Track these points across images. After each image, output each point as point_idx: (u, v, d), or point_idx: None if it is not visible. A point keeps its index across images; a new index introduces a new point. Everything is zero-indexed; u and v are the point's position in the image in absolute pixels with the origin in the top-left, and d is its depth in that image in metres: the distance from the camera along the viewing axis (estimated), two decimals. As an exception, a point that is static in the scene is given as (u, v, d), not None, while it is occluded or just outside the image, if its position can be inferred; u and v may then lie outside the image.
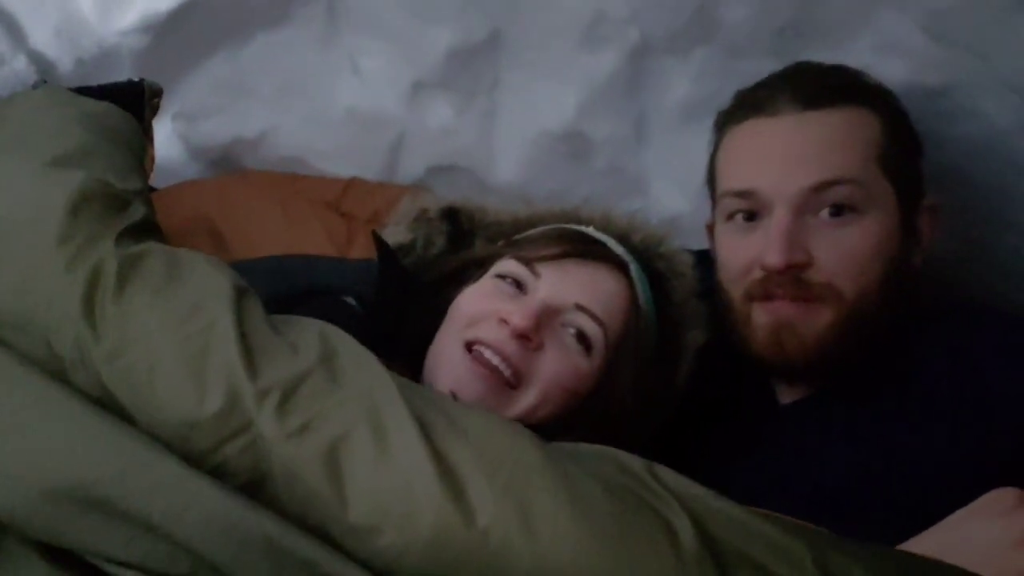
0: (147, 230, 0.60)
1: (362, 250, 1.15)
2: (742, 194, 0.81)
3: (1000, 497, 0.57)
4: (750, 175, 0.81)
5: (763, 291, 0.79)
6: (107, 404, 0.51)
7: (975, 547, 0.54)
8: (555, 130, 1.21)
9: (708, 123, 1.13)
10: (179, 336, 0.52)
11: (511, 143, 1.25)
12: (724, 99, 1.00)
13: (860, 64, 0.89)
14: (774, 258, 0.76)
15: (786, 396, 0.85)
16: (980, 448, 0.65)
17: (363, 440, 0.49)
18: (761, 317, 0.80)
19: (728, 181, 0.85)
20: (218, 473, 0.48)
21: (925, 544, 0.57)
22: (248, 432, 0.49)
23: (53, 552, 0.48)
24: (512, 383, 0.73)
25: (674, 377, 0.84)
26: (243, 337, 0.52)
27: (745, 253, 0.81)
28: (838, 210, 0.77)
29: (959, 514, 0.58)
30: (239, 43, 1.22)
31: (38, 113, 0.65)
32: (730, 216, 0.84)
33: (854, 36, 0.96)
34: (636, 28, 1.11)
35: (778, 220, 0.77)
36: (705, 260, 0.92)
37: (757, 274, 0.79)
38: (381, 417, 0.50)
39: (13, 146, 0.61)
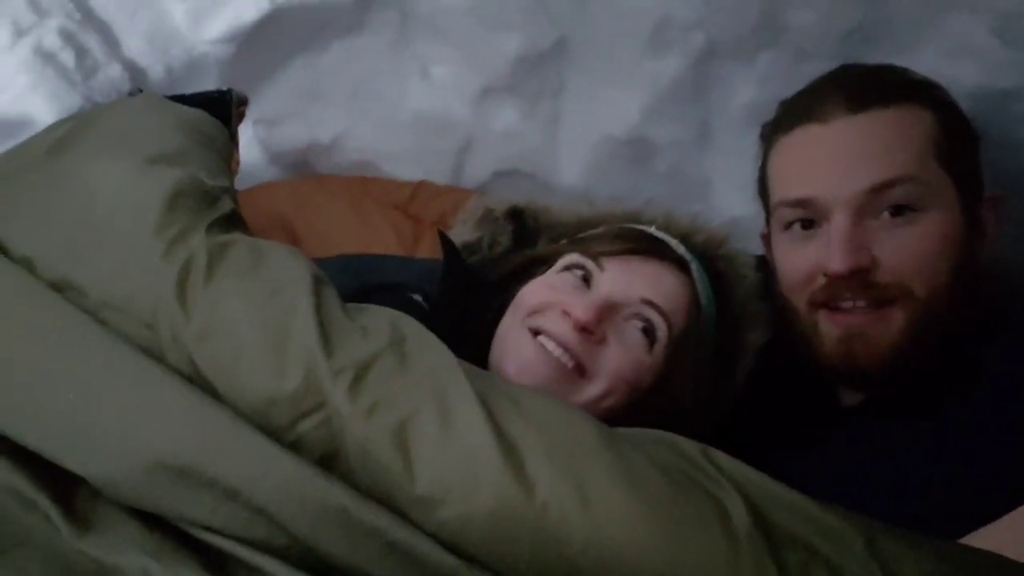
0: (234, 223, 0.64)
1: (429, 250, 1.19)
2: (799, 203, 0.81)
3: None
4: (805, 183, 0.81)
5: (829, 298, 0.78)
6: (196, 381, 0.55)
7: None
8: (619, 135, 1.23)
9: (772, 127, 1.14)
10: (261, 318, 0.56)
11: (575, 147, 1.27)
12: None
13: (929, 68, 0.89)
14: (837, 264, 0.75)
15: (848, 398, 0.84)
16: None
17: (430, 418, 0.52)
18: (829, 328, 0.79)
19: (783, 191, 0.84)
20: (295, 448, 0.52)
21: (989, 537, 0.56)
22: (323, 409, 0.53)
23: (143, 514, 0.52)
24: (575, 374, 0.74)
25: (734, 376, 0.84)
26: (320, 320, 0.56)
27: (806, 262, 0.80)
28: (899, 210, 0.76)
29: (1017, 512, 0.57)
30: (317, 51, 1.27)
31: (138, 117, 0.71)
32: (787, 226, 0.83)
33: (923, 39, 0.95)
34: (702, 33, 1.12)
35: (837, 225, 0.77)
36: (769, 264, 0.92)
37: (821, 281, 0.79)
38: (447, 397, 0.53)
39: (115, 145, 0.66)
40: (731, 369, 0.85)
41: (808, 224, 0.81)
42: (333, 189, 1.29)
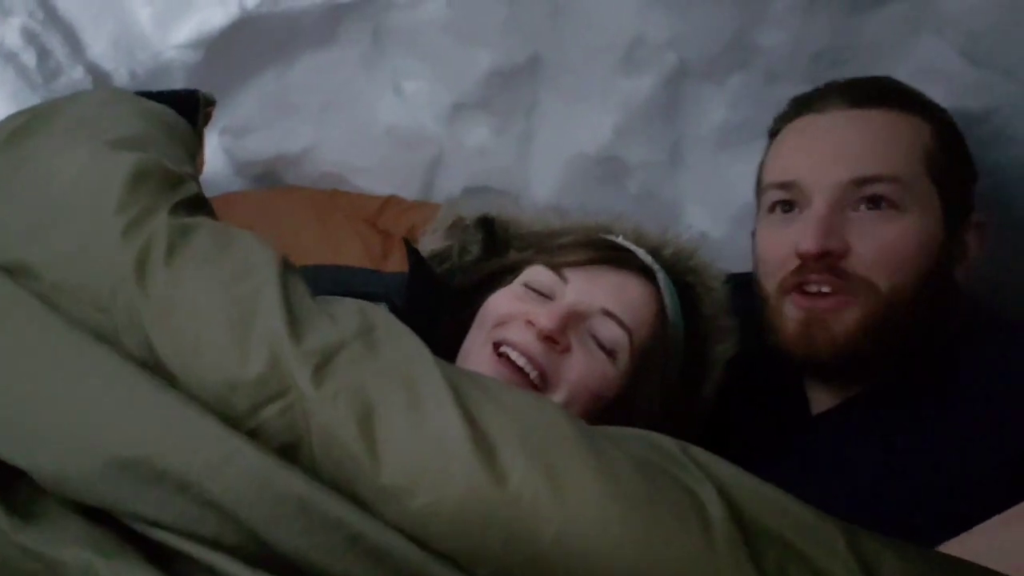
0: (199, 207, 0.62)
1: (398, 265, 1.17)
2: (783, 185, 0.82)
3: None
4: (792, 167, 0.83)
5: (798, 280, 0.79)
6: (152, 366, 0.52)
7: (1009, 554, 0.53)
8: (591, 153, 1.23)
9: (744, 149, 1.15)
10: (225, 300, 0.53)
11: (547, 165, 1.27)
12: (760, 125, 1.00)
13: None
14: (810, 243, 0.76)
15: (819, 405, 0.84)
16: (1014, 460, 0.64)
17: (398, 405, 0.50)
18: (792, 311, 0.80)
19: (771, 174, 0.86)
20: (255, 435, 0.49)
21: (965, 545, 0.56)
22: (288, 395, 0.50)
23: (88, 508, 0.49)
24: (538, 385, 0.74)
25: (701, 388, 0.83)
26: (287, 304, 0.54)
27: (782, 243, 0.81)
28: (876, 203, 0.77)
29: (994, 520, 0.57)
30: (287, 61, 1.26)
31: (101, 105, 0.69)
32: (771, 209, 0.85)
33: (892, 61, 0.97)
34: (674, 53, 1.13)
35: (816, 208, 0.78)
36: (739, 282, 0.92)
37: (792, 264, 0.79)
38: (417, 384, 0.51)
39: (76, 130, 0.64)
40: (700, 381, 0.84)
41: (789, 208, 0.82)
42: (300, 201, 1.27)
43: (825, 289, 0.78)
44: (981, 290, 0.86)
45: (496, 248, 0.92)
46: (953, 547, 0.56)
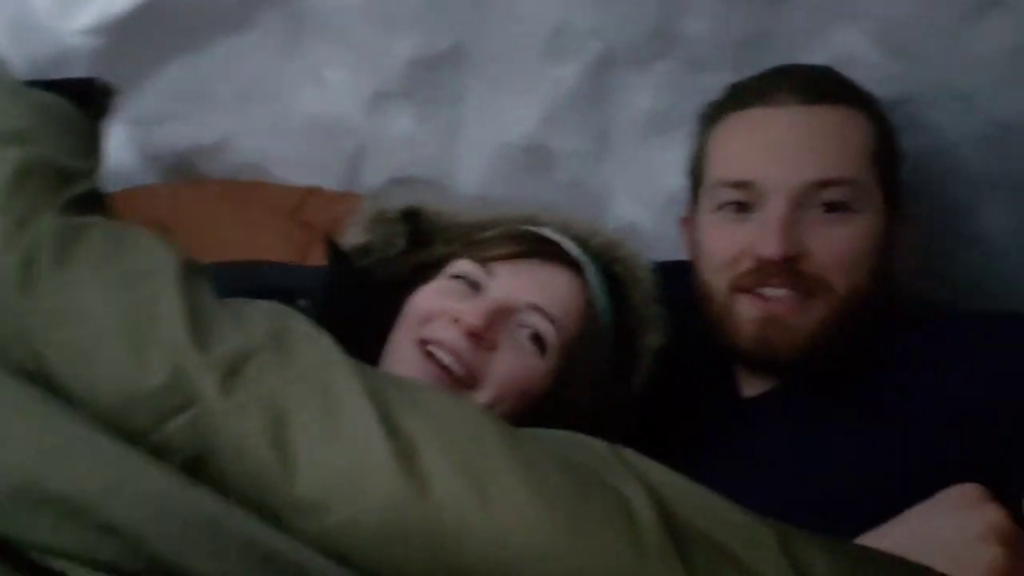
0: (94, 205, 0.58)
1: (321, 259, 1.14)
2: (738, 184, 0.81)
3: (963, 492, 0.57)
4: (748, 166, 0.81)
5: (754, 282, 0.78)
6: (43, 381, 0.49)
7: (936, 541, 0.54)
8: (518, 142, 1.21)
9: (670, 137, 1.15)
10: (121, 307, 0.50)
11: (473, 155, 1.25)
12: (685, 113, 1.00)
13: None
14: (772, 248, 0.76)
15: (749, 389, 0.84)
16: (944, 446, 0.65)
17: (313, 414, 0.48)
18: (748, 310, 0.79)
19: (722, 170, 0.84)
20: (159, 451, 0.46)
21: (883, 538, 0.56)
22: (193, 407, 0.47)
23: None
24: (465, 382, 0.72)
25: (632, 380, 0.83)
26: (190, 310, 0.51)
27: (735, 244, 0.80)
28: (833, 207, 0.78)
29: (921, 507, 0.58)
30: (199, 48, 1.21)
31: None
32: (720, 206, 0.83)
33: (810, 49, 0.98)
34: (599, 41, 1.12)
35: (777, 211, 0.77)
36: (665, 271, 0.92)
37: (747, 265, 0.79)
38: (333, 392, 0.49)
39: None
40: (630, 373, 0.83)
41: (742, 207, 0.81)
42: (216, 193, 1.23)
43: (782, 292, 0.77)
44: (901, 280, 0.88)
45: (421, 241, 0.89)
46: (871, 539, 0.57)
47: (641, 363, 0.84)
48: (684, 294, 0.89)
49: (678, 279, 0.90)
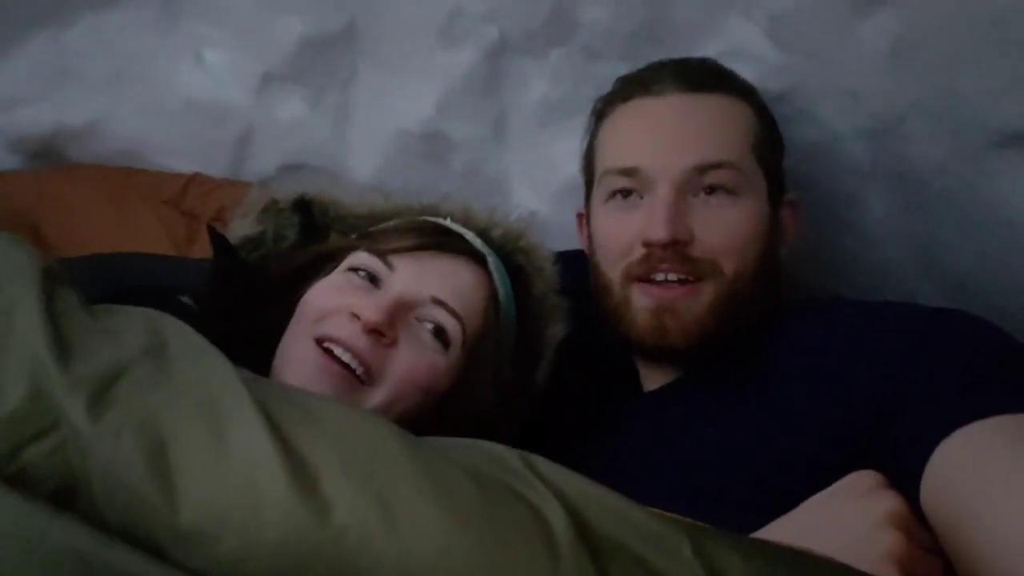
0: None
1: (205, 250, 1.07)
2: (625, 172, 0.81)
3: (859, 479, 0.58)
4: (633, 153, 0.82)
5: (646, 269, 0.79)
6: None
7: (836, 528, 0.55)
8: (413, 128, 1.18)
9: (566, 125, 1.14)
10: None
11: (367, 141, 1.21)
12: (580, 101, 1.00)
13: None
14: (659, 232, 0.76)
15: (650, 383, 0.85)
16: (836, 432, 0.67)
17: (197, 434, 0.44)
18: (642, 300, 0.80)
19: (610, 159, 0.85)
20: (18, 481, 0.41)
21: (786, 527, 0.57)
22: (57, 431, 0.42)
23: None
24: (364, 380, 0.69)
25: (535, 372, 0.82)
26: (51, 321, 0.46)
27: (626, 232, 0.80)
28: (714, 190, 0.79)
29: (819, 496, 0.59)
30: (63, 24, 1.12)
31: None
32: (610, 195, 0.83)
33: (703, 41, 0.99)
34: (494, 26, 1.11)
35: (662, 196, 0.78)
36: (565, 260, 0.91)
37: (638, 253, 0.79)
38: (219, 408, 0.45)
39: None
40: (533, 365, 0.82)
41: (630, 196, 0.81)
42: (89, 181, 1.14)
43: (672, 277, 0.78)
44: (788, 266, 0.90)
45: (315, 233, 0.85)
46: (783, 525, 0.58)
47: (544, 354, 0.83)
48: (584, 284, 0.89)
49: (578, 269, 0.90)
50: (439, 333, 0.73)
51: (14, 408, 0.42)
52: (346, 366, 0.69)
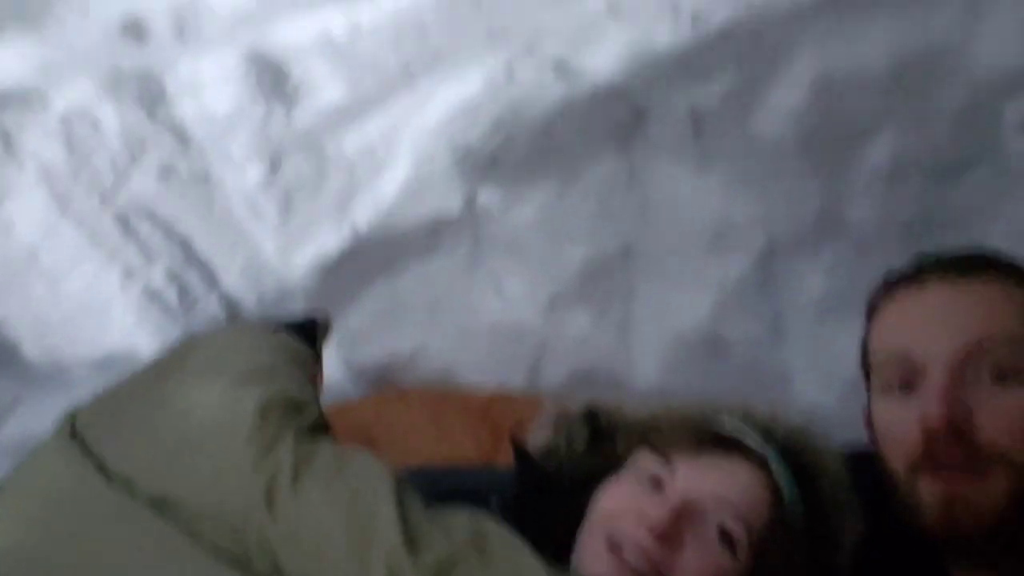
0: (320, 430, 0.67)
1: (508, 458, 1.19)
2: (896, 359, 0.80)
3: None
4: (902, 341, 0.80)
5: (929, 459, 0.75)
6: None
7: None
8: (690, 334, 1.25)
9: (844, 316, 1.14)
10: (346, 519, 0.57)
11: (648, 348, 1.29)
12: (857, 292, 1.00)
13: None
14: (933, 414, 0.73)
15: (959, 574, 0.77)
16: None
17: None
18: (931, 490, 0.75)
19: (880, 350, 0.84)
20: None
21: None
22: None
23: None
24: None
25: (833, 571, 0.79)
26: (403, 520, 0.57)
27: (904, 421, 0.77)
28: (1001, 376, 0.75)
29: None
30: (395, 273, 1.36)
31: (231, 340, 0.77)
32: (886, 388, 0.82)
33: (982, 227, 0.97)
34: (762, 231, 1.17)
35: (934, 379, 0.75)
36: (856, 458, 0.89)
37: (919, 441, 0.76)
38: None
39: (210, 366, 0.72)
40: (829, 566, 0.79)
41: (907, 385, 0.79)
42: (412, 402, 1.33)
43: (957, 464, 0.74)
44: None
45: (602, 439, 0.92)
46: None
47: (839, 555, 0.80)
48: (884, 486, 0.85)
49: (871, 466, 0.87)
50: (724, 535, 0.74)
51: None
52: (637, 570, 0.72)
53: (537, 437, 0.96)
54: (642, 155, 1.25)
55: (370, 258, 1.32)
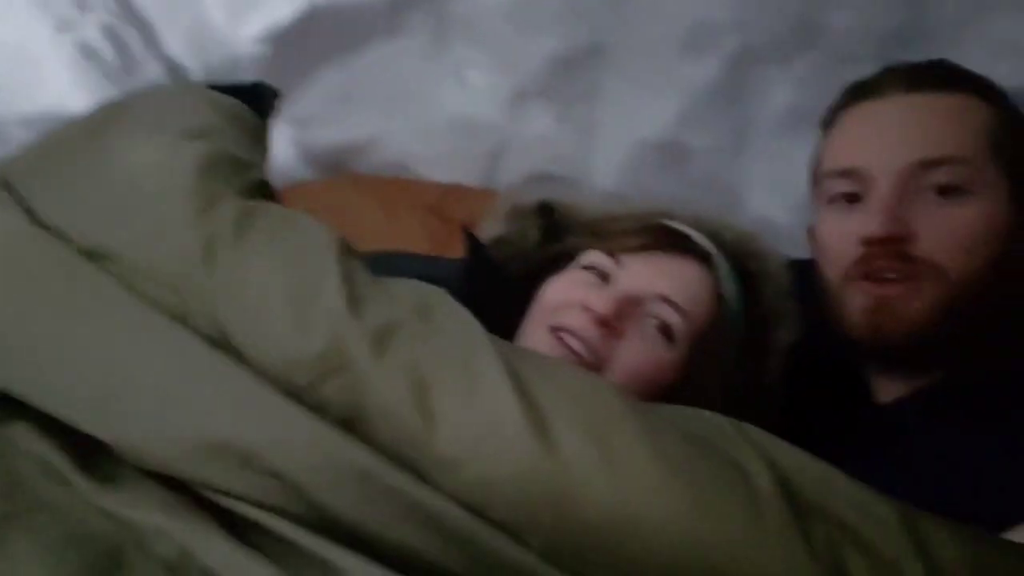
0: (264, 192, 0.65)
1: (459, 251, 1.19)
2: (844, 173, 0.80)
3: None
4: (853, 154, 0.80)
5: (863, 269, 0.77)
6: (220, 343, 0.55)
7: None
8: (654, 139, 1.23)
9: (811, 133, 1.13)
10: (287, 279, 0.56)
11: (610, 152, 1.27)
12: (824, 107, 0.98)
13: (971, 67, 0.87)
14: (875, 227, 0.74)
15: (884, 394, 0.82)
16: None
17: (454, 381, 0.52)
18: (857, 298, 0.78)
19: (830, 162, 0.84)
20: (318, 410, 0.52)
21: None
22: (347, 371, 0.52)
23: (165, 477, 0.52)
24: (592, 368, 0.74)
25: (762, 375, 0.82)
26: (347, 283, 0.56)
27: (846, 233, 0.79)
28: (945, 191, 0.75)
29: None
30: (352, 53, 1.29)
31: (173, 98, 0.73)
32: (832, 199, 0.82)
33: (964, 39, 0.94)
34: (737, 35, 1.12)
35: (881, 193, 0.76)
36: (801, 268, 0.91)
37: (857, 253, 0.78)
38: (472, 362, 0.53)
39: (151, 122, 0.68)
40: (761, 368, 0.83)
41: (853, 198, 0.80)
42: (366, 189, 1.30)
43: (891, 275, 0.76)
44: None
45: (554, 235, 0.92)
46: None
47: (771, 359, 0.83)
48: (818, 295, 0.88)
49: (813, 277, 0.89)
50: (664, 328, 0.76)
51: (319, 350, 0.53)
52: (577, 353, 0.74)
53: (489, 228, 0.95)
54: (621, -55, 1.17)
55: (325, 33, 1.24)
